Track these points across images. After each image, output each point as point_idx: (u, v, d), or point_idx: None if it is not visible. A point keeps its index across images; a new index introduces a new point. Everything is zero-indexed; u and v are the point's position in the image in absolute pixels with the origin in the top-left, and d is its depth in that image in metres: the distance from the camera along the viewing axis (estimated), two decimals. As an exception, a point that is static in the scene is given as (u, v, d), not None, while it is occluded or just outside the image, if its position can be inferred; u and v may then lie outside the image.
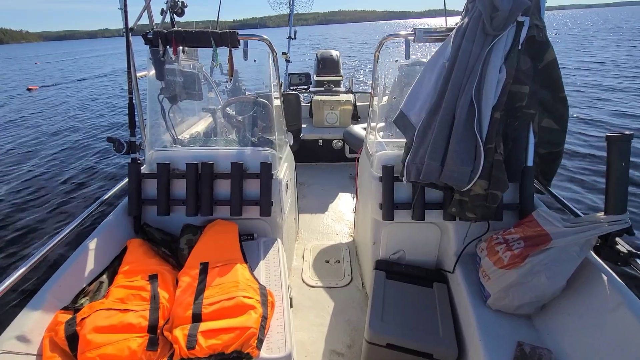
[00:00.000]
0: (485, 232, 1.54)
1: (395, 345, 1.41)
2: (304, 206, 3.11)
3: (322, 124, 4.00)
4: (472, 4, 1.41)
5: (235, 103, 2.28)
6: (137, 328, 1.13)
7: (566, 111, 1.48)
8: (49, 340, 1.10)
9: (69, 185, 4.97)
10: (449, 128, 1.37)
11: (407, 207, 1.64)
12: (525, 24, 1.32)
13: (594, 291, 1.16)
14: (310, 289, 2.14)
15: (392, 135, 1.88)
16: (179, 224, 1.70)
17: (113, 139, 1.69)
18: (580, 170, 4.48)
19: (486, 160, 1.31)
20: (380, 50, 1.76)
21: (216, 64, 1.71)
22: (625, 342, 1.00)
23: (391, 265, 1.79)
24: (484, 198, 1.36)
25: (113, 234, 1.59)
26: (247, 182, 1.72)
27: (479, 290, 1.42)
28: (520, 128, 1.47)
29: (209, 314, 1.16)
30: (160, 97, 1.97)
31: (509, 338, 1.22)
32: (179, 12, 2.10)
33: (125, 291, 1.27)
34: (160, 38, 1.64)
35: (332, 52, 5.02)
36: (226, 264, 1.39)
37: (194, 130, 2.47)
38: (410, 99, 1.55)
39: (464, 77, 1.36)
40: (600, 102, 7.63)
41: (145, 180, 1.72)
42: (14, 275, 1.18)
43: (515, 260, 1.26)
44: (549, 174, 1.63)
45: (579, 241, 1.18)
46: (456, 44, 1.40)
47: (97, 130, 8.10)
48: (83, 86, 15.79)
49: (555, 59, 1.40)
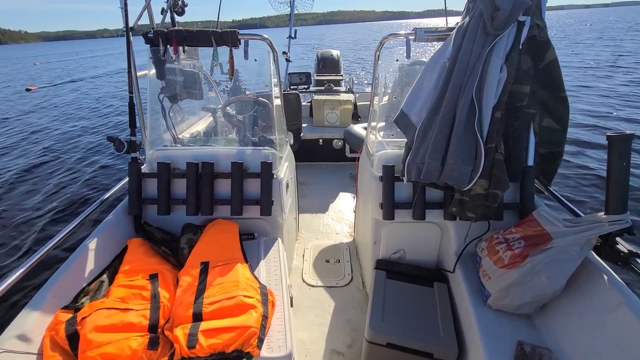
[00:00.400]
0: (485, 231, 1.54)
1: (395, 344, 1.41)
2: (304, 206, 3.11)
3: (322, 124, 3.99)
4: (473, 4, 1.41)
5: (235, 102, 2.28)
6: (137, 327, 1.13)
7: (567, 111, 1.48)
8: (50, 340, 1.10)
9: (69, 185, 4.97)
10: (449, 128, 1.36)
11: (407, 206, 1.64)
12: (526, 23, 1.32)
13: (594, 291, 1.16)
14: (310, 289, 2.14)
15: (392, 134, 1.88)
16: (180, 224, 1.70)
17: (113, 138, 1.69)
18: (580, 170, 4.48)
19: (487, 160, 1.31)
20: (380, 49, 1.76)
21: (217, 63, 1.71)
22: (625, 342, 1.00)
23: (391, 264, 1.79)
24: (485, 198, 1.36)
25: (113, 233, 1.59)
26: (247, 182, 1.72)
27: (479, 290, 1.42)
28: (521, 128, 1.47)
29: (209, 313, 1.16)
30: (160, 97, 1.97)
31: (510, 337, 1.22)
32: (179, 12, 2.10)
33: (126, 290, 1.27)
34: (160, 37, 1.64)
35: (332, 51, 5.02)
36: (227, 264, 1.39)
37: (194, 130, 2.47)
38: (410, 98, 1.55)
39: (464, 77, 1.36)
40: (601, 102, 7.63)
41: (145, 180, 1.72)
42: (15, 274, 1.18)
43: (516, 259, 1.26)
44: (550, 173, 1.63)
45: (579, 241, 1.18)
46: (457, 43, 1.40)
47: (98, 130, 8.10)
48: (83, 86, 15.80)
49: (556, 59, 1.40)
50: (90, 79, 18.34)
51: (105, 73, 20.37)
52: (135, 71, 1.71)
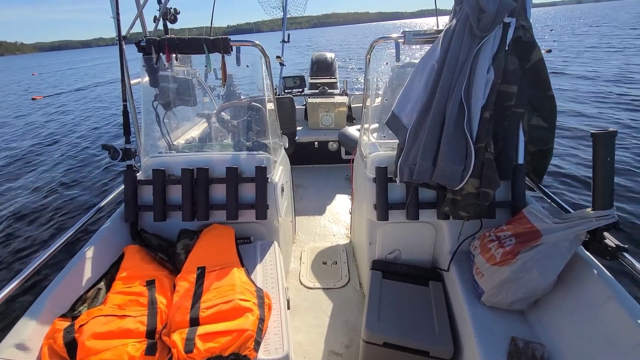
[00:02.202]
0: (478, 230, 1.56)
1: (392, 344, 1.42)
2: (300, 208, 3.13)
3: (317, 126, 4.02)
4: (459, 6, 1.44)
5: (229, 108, 2.30)
6: (135, 333, 1.14)
7: (554, 109, 1.51)
8: (48, 348, 1.10)
9: (65, 194, 4.96)
10: (439, 128, 1.39)
11: (401, 207, 1.66)
12: (512, 25, 1.35)
13: (585, 285, 1.18)
14: (308, 291, 2.15)
15: (385, 136, 1.90)
16: (176, 230, 1.71)
17: (108, 147, 1.70)
18: (570, 167, 4.53)
19: (477, 159, 1.33)
20: (371, 52, 1.78)
21: (209, 70, 1.73)
22: (615, 334, 1.02)
23: (387, 265, 1.81)
24: (476, 196, 1.38)
25: (110, 240, 1.60)
26: (242, 186, 1.73)
27: (473, 288, 1.44)
28: (510, 127, 1.49)
29: (206, 318, 1.17)
30: (154, 104, 1.98)
31: (503, 334, 1.24)
32: (171, 19, 2.12)
33: (123, 297, 1.28)
34: (153, 45, 1.66)
35: (326, 54, 5.04)
36: (223, 268, 1.40)
37: (189, 136, 2.48)
38: (401, 100, 1.57)
39: (453, 79, 1.39)
40: (586, 99, 7.70)
41: (141, 187, 1.73)
42: (12, 283, 1.18)
43: (507, 256, 1.28)
44: (540, 171, 1.66)
45: (569, 237, 1.20)
46: (444, 45, 1.42)
47: (99, 137, 8.13)
48: (84, 95, 15.97)
49: (542, 59, 1.43)
50: (92, 87, 18.62)
51: (106, 81, 20.58)
52: (128, 79, 1.72)
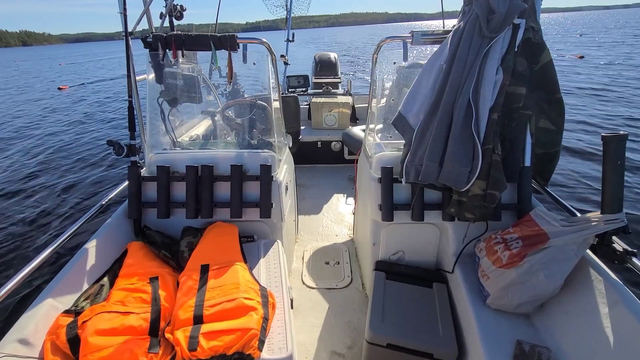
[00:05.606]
0: (484, 232, 1.55)
1: (395, 345, 1.41)
2: (303, 208, 3.12)
3: (320, 126, 4.01)
4: (468, 7, 1.43)
5: (234, 106, 2.29)
6: (138, 330, 1.14)
7: (562, 112, 1.49)
8: (51, 344, 1.10)
9: (69, 189, 4.96)
10: (447, 129, 1.38)
11: (406, 208, 1.65)
12: (521, 26, 1.34)
13: (592, 289, 1.17)
14: (310, 291, 2.14)
15: (390, 136, 1.89)
16: (179, 227, 1.70)
17: (113, 142, 1.69)
18: (577, 170, 4.51)
19: (484, 161, 1.32)
20: (378, 52, 1.77)
21: (215, 67, 1.72)
22: (622, 340, 1.01)
23: (391, 265, 1.80)
24: (483, 198, 1.38)
25: (113, 237, 1.60)
26: (246, 185, 1.73)
27: (478, 290, 1.43)
28: (518, 129, 1.48)
29: (210, 316, 1.16)
30: (159, 100, 1.98)
31: (509, 337, 1.23)
32: (177, 16, 2.12)
33: (126, 294, 1.28)
34: (159, 42, 1.65)
35: (330, 54, 5.04)
36: (226, 266, 1.40)
37: (193, 133, 2.48)
38: (408, 100, 1.57)
39: (461, 79, 1.38)
40: (596, 102, 7.68)
41: (145, 183, 1.72)
42: (15, 278, 1.18)
43: (514, 259, 1.27)
44: (547, 173, 1.65)
45: (576, 240, 1.19)
46: (453, 46, 1.41)
47: (107, 132, 8.14)
48: (111, 86, 16.18)
49: (551, 61, 1.42)
50: (119, 78, 18.87)
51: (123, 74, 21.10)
52: (134, 75, 1.72)
